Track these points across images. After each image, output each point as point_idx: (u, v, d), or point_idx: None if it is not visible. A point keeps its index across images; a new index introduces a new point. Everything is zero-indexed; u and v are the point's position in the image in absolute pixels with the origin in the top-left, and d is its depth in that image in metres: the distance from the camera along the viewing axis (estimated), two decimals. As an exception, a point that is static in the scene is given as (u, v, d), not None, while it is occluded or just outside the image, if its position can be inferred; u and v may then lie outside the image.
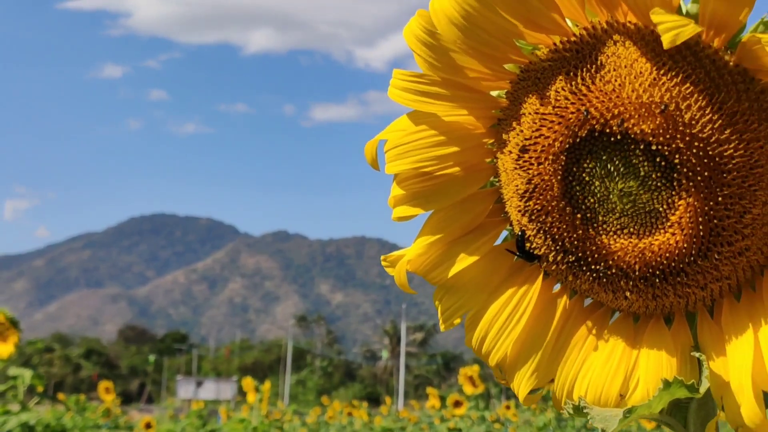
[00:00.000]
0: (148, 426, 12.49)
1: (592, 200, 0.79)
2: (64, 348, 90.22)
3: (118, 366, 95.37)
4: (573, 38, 0.79)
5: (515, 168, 0.84)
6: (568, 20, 0.79)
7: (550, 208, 0.81)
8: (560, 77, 0.78)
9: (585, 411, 0.80)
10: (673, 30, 0.66)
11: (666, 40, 0.66)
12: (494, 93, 0.88)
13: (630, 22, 0.75)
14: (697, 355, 0.78)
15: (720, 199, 0.72)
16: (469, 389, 10.02)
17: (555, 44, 0.80)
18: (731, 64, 0.71)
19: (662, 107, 0.71)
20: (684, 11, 0.73)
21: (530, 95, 0.82)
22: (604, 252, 0.79)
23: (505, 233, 0.95)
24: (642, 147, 0.73)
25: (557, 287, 0.92)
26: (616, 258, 0.79)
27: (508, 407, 12.52)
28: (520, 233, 0.88)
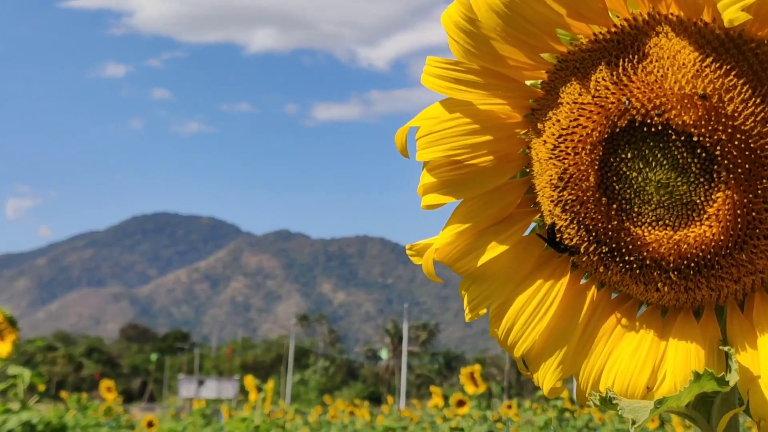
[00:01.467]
0: (150, 425, 12.50)
1: (628, 191, 0.79)
2: (66, 347, 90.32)
3: (120, 365, 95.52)
4: (614, 29, 0.78)
5: (550, 158, 0.83)
6: (609, 11, 0.78)
7: (585, 198, 0.81)
8: (601, 67, 0.78)
9: (614, 402, 0.80)
10: (733, 4, 0.65)
11: (727, 17, 0.66)
12: (529, 82, 0.88)
13: (672, 13, 0.75)
14: (725, 348, 0.77)
15: (759, 192, 0.72)
16: (470, 388, 10.01)
17: (595, 34, 0.80)
18: (775, 57, 0.71)
19: (702, 96, 0.71)
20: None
21: (568, 85, 0.82)
22: (638, 243, 0.79)
23: (533, 225, 0.95)
24: (683, 138, 0.73)
25: (584, 280, 0.91)
26: (650, 249, 0.79)
27: (509, 406, 12.51)
28: (551, 224, 0.88)
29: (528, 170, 0.92)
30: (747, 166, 0.71)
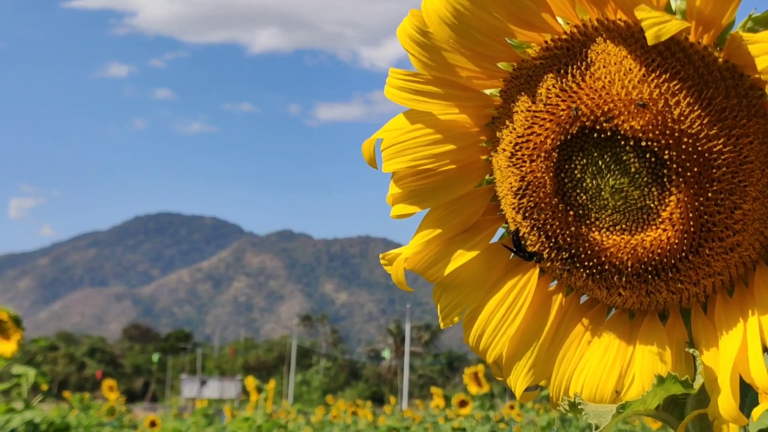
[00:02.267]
0: (152, 424, 12.52)
1: (584, 197, 0.79)
2: (69, 346, 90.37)
3: (122, 364, 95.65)
4: (564, 36, 0.79)
5: (509, 165, 0.84)
6: (559, 18, 0.79)
7: (543, 205, 0.82)
8: (551, 75, 0.79)
9: (580, 407, 0.80)
10: (655, 26, 0.66)
11: (650, 36, 0.67)
12: (488, 91, 0.88)
13: (620, 19, 0.75)
14: (691, 350, 0.78)
15: (710, 194, 0.72)
16: (474, 389, 9.99)
17: (546, 42, 0.80)
18: (720, 60, 0.71)
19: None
20: (673, 8, 0.73)
21: (522, 93, 0.82)
22: (596, 248, 0.80)
23: (501, 231, 0.95)
24: (632, 143, 0.74)
25: (553, 284, 0.92)
26: (609, 254, 0.79)
27: (512, 407, 12.48)
28: (514, 231, 0.88)
29: (492, 178, 0.93)
30: (696, 169, 0.71)
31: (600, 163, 0.77)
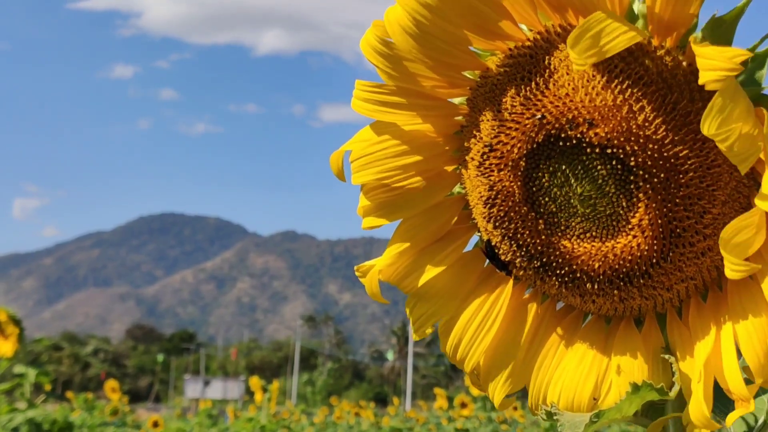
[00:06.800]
0: (155, 425, 12.52)
1: (553, 205, 0.78)
2: (73, 346, 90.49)
3: (126, 365, 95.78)
4: (528, 43, 0.78)
5: (477, 175, 0.83)
6: (522, 25, 0.78)
7: (513, 214, 0.81)
8: (515, 83, 0.78)
9: (555, 417, 0.79)
10: (587, 51, 0.65)
11: (578, 63, 0.66)
12: (456, 100, 0.87)
13: (582, 25, 0.74)
14: (666, 356, 0.77)
15: (678, 200, 0.71)
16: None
17: (510, 50, 0.79)
18: (684, 63, 0.71)
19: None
20: (636, 12, 0.72)
21: (488, 102, 0.81)
22: (568, 257, 0.79)
23: (475, 239, 0.94)
24: (598, 150, 0.73)
25: (528, 291, 0.91)
26: (580, 262, 0.78)
27: (515, 408, 12.47)
28: (487, 240, 0.87)
29: (462, 187, 0.92)
30: (663, 174, 0.70)
31: (567, 171, 0.76)
